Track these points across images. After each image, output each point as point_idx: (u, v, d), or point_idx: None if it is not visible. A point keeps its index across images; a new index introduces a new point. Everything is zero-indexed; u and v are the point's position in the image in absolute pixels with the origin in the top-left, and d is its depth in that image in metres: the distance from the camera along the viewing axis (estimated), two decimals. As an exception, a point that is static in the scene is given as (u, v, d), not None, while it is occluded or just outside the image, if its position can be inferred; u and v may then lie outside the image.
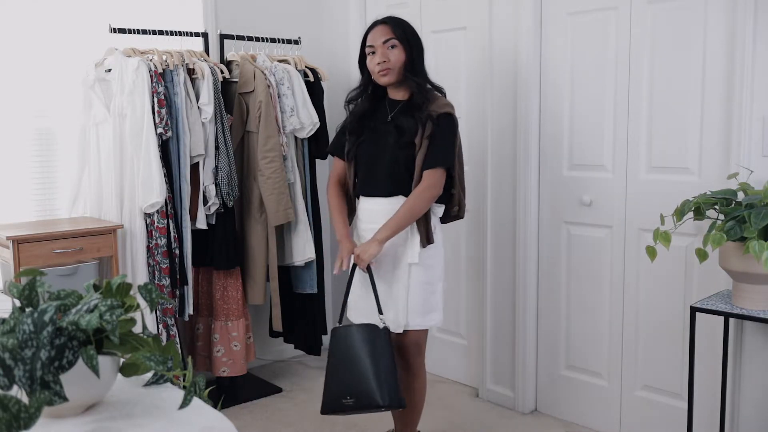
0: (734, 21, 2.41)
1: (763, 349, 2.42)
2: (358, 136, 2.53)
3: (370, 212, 2.52)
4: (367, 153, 2.52)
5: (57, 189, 3.17)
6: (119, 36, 3.05)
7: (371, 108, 2.55)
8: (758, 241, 2.02)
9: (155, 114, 2.90)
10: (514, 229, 3.15)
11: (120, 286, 1.16)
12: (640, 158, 2.74)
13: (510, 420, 3.14)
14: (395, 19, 2.49)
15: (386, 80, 2.46)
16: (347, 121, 2.59)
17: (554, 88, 3.00)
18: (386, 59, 2.43)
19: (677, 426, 2.66)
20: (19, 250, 2.66)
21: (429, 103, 2.43)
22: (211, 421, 1.11)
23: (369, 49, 2.47)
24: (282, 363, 3.90)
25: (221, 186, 3.08)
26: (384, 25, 2.47)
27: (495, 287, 3.26)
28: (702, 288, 2.58)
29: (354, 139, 2.54)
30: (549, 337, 3.14)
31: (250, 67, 3.20)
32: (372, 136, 2.51)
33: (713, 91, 2.51)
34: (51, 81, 3.10)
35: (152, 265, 2.95)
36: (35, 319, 1.01)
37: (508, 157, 3.13)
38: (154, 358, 1.09)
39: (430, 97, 2.45)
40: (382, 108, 2.54)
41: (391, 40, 2.43)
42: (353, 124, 2.55)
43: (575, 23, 2.90)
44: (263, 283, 3.30)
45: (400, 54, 2.44)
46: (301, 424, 3.11)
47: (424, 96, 2.44)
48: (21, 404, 0.91)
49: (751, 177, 2.33)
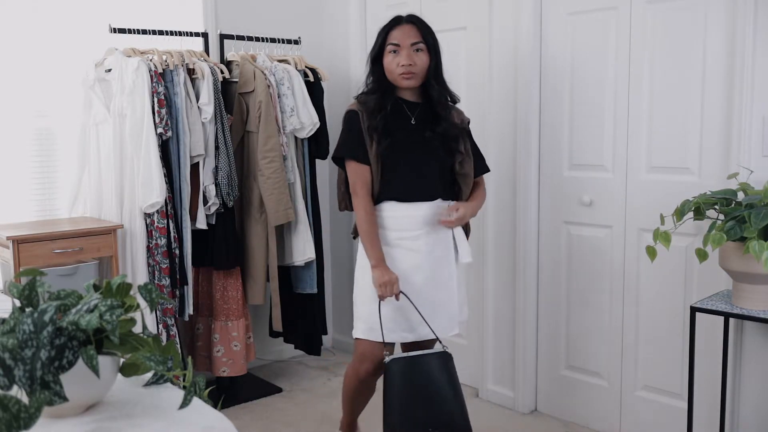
0: (734, 21, 2.41)
1: (763, 349, 2.42)
2: (388, 137, 2.35)
3: (407, 219, 2.38)
4: (405, 156, 2.37)
5: (57, 189, 3.17)
6: (119, 36, 3.05)
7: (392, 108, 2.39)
8: (758, 241, 2.02)
9: (155, 114, 2.90)
10: (514, 229, 3.15)
11: (120, 286, 1.16)
12: (640, 158, 2.74)
13: (510, 420, 3.14)
14: (422, 22, 2.41)
15: (408, 84, 2.36)
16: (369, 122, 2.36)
17: (554, 88, 3.00)
18: (412, 63, 2.33)
19: (677, 426, 2.66)
20: (19, 250, 2.66)
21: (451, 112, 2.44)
22: (211, 421, 1.11)
23: (392, 46, 2.35)
24: (282, 363, 3.90)
25: (221, 186, 3.08)
26: (412, 26, 2.37)
27: (495, 287, 3.26)
28: (702, 288, 2.58)
29: (385, 140, 2.34)
30: (549, 337, 3.14)
31: (250, 67, 3.20)
32: (402, 138, 2.37)
33: (713, 91, 2.51)
34: (51, 81, 3.10)
35: (152, 265, 2.95)
36: (35, 319, 1.01)
37: (508, 157, 3.13)
38: (154, 358, 1.10)
39: (447, 106, 2.44)
40: (399, 109, 2.41)
41: (419, 44, 2.35)
42: (381, 124, 2.34)
43: (575, 23, 2.90)
44: (263, 283, 3.30)
45: (426, 59, 2.37)
46: (301, 424, 3.11)
47: (443, 104, 2.42)
48: (21, 404, 0.91)
49: (751, 177, 2.33)
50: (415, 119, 2.41)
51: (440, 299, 2.42)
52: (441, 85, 2.42)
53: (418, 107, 2.43)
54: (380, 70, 2.40)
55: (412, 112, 2.42)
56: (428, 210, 2.37)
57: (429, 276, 2.39)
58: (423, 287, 2.38)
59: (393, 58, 2.35)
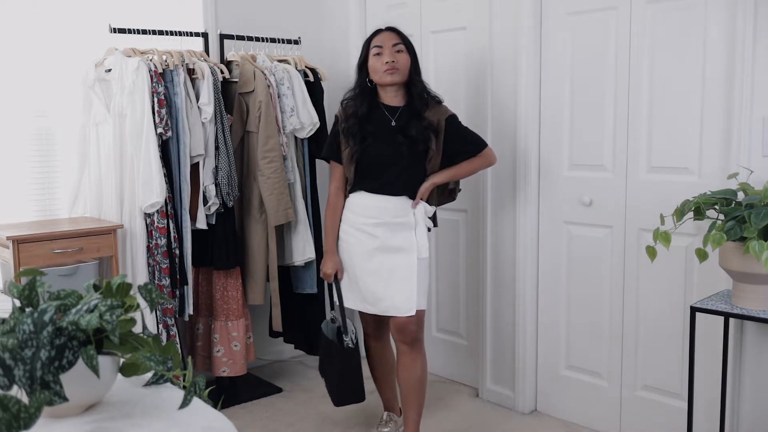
0: (734, 21, 2.40)
1: (763, 349, 2.42)
2: (362, 139, 2.66)
3: (370, 208, 2.68)
4: (375, 157, 2.66)
5: (57, 189, 3.17)
6: (119, 36, 3.05)
7: (368, 112, 2.68)
8: (758, 241, 2.02)
9: (155, 114, 2.90)
10: (514, 229, 3.15)
11: (120, 286, 1.17)
12: (640, 158, 2.74)
13: (510, 420, 3.14)
14: (399, 30, 2.70)
15: (391, 79, 2.62)
16: (345, 125, 2.70)
17: (554, 88, 3.00)
18: (395, 59, 2.61)
19: (677, 426, 2.66)
20: (19, 250, 2.66)
21: (428, 110, 2.65)
22: (211, 421, 1.11)
23: (376, 49, 2.64)
24: (282, 363, 3.90)
25: (221, 186, 3.08)
26: (391, 32, 2.67)
27: (495, 287, 3.26)
28: (702, 288, 2.58)
29: (357, 142, 2.66)
30: (549, 337, 3.14)
31: (250, 67, 3.20)
32: (378, 140, 2.66)
33: (713, 91, 2.51)
34: (51, 81, 3.10)
35: (152, 265, 2.95)
36: (35, 319, 1.01)
37: (508, 157, 3.13)
38: (154, 358, 1.10)
39: (429, 104, 2.67)
40: (379, 113, 2.68)
41: (399, 45, 2.64)
42: (354, 128, 2.66)
43: (575, 23, 2.90)
44: (263, 283, 3.30)
45: (407, 59, 2.65)
46: (301, 424, 3.11)
47: (423, 102, 2.66)
48: (21, 404, 0.91)
49: (751, 177, 2.33)
50: (395, 121, 2.66)
51: (392, 282, 2.65)
52: (420, 84, 2.68)
53: (399, 110, 2.67)
54: (362, 79, 2.70)
55: (392, 115, 2.67)
56: (392, 204, 2.66)
57: (382, 260, 2.65)
58: (377, 269, 2.66)
59: (377, 59, 2.63)
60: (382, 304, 2.67)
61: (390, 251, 2.65)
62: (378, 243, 2.65)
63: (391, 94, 2.68)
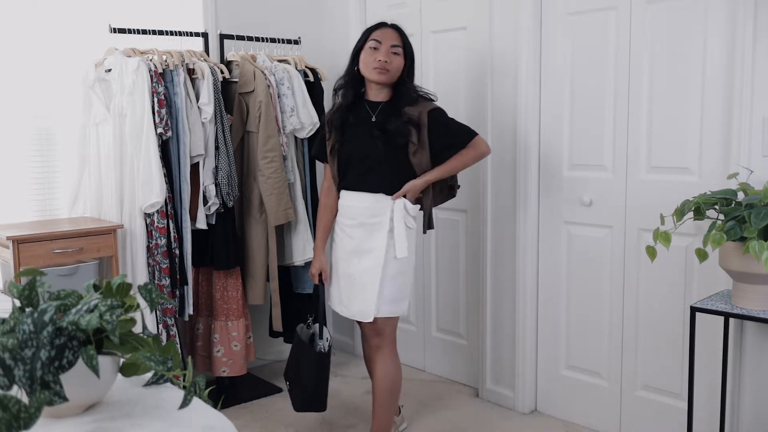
0: (734, 21, 2.40)
1: (763, 349, 2.42)
2: (342, 134, 2.63)
3: (349, 208, 2.64)
4: (351, 151, 2.62)
5: (57, 189, 3.17)
6: (119, 36, 3.05)
7: (352, 104, 2.64)
8: (758, 241, 2.02)
9: (155, 114, 2.90)
10: (514, 229, 3.15)
11: (120, 286, 1.16)
12: (640, 158, 2.74)
13: (510, 420, 3.14)
14: (403, 31, 2.64)
15: (378, 78, 2.57)
16: (329, 117, 2.68)
17: (554, 88, 3.00)
18: (389, 60, 2.55)
19: (677, 426, 2.66)
20: (19, 250, 2.65)
21: (409, 105, 2.56)
22: (211, 421, 1.11)
23: (374, 42, 2.57)
24: (282, 363, 3.87)
25: (221, 186, 3.08)
26: (394, 31, 2.61)
27: (495, 287, 3.26)
28: (702, 288, 2.58)
29: (338, 136, 2.64)
30: (549, 336, 3.14)
31: (250, 67, 3.20)
32: (356, 134, 2.61)
33: (713, 91, 2.51)
34: (51, 81, 3.10)
35: (152, 265, 2.95)
36: (35, 319, 1.01)
37: (508, 157, 3.13)
38: (154, 358, 1.10)
39: (417, 102, 2.59)
40: (362, 107, 2.64)
41: (397, 47, 2.58)
42: (338, 120, 2.63)
43: (575, 23, 2.90)
44: (263, 283, 3.30)
45: (401, 63, 2.59)
46: (301, 424, 3.11)
47: (407, 99, 2.58)
48: (21, 404, 0.91)
49: (751, 177, 2.33)
50: (375, 117, 2.60)
51: (359, 286, 2.60)
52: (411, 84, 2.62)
53: (380, 105, 2.61)
54: (352, 67, 2.65)
55: (373, 111, 2.61)
56: (370, 202, 2.59)
57: (356, 263, 2.61)
58: (351, 272, 2.62)
59: (371, 53, 2.57)
60: (352, 307, 2.64)
61: (363, 253, 2.59)
62: (354, 245, 2.61)
63: (375, 90, 2.62)
